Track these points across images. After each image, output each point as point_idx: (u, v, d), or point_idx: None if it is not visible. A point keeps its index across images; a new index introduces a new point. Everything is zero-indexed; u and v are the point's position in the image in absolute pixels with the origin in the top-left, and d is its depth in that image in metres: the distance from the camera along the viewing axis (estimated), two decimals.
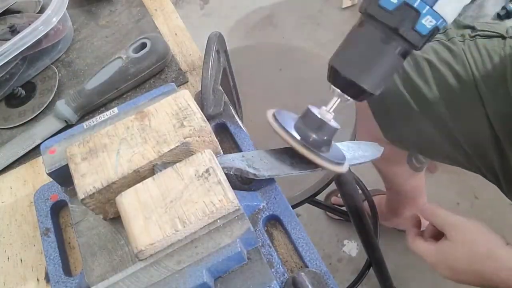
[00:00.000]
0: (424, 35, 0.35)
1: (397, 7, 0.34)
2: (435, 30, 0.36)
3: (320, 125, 0.40)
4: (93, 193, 0.37)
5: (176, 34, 0.66)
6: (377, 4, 0.35)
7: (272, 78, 0.82)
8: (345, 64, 0.38)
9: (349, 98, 0.40)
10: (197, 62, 0.62)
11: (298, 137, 0.39)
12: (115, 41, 0.67)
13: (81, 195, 0.37)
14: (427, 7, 0.34)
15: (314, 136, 0.39)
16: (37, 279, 0.46)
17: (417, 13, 0.34)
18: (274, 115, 0.41)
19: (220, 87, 0.51)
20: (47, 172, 0.42)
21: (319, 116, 0.40)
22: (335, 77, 0.39)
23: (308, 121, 0.40)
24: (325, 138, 0.40)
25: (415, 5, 0.34)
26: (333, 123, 0.41)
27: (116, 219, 0.41)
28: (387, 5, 0.35)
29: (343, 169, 0.41)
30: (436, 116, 0.73)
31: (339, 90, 0.39)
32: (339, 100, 0.41)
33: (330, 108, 0.41)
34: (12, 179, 0.55)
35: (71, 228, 0.47)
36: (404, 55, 0.37)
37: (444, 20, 0.35)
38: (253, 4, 2.03)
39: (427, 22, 0.35)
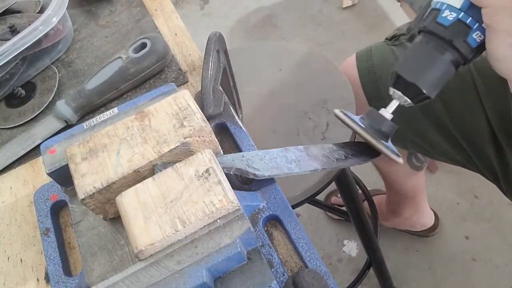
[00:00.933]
0: (473, 48, 0.42)
1: (452, 23, 0.41)
2: (482, 44, 0.42)
3: (382, 119, 0.46)
4: (93, 193, 0.37)
5: (176, 34, 0.66)
6: (435, 21, 0.43)
7: (272, 78, 0.82)
8: (407, 70, 0.44)
9: (408, 100, 0.45)
10: (197, 62, 0.62)
11: (363, 126, 0.45)
12: (115, 41, 0.67)
13: (81, 195, 0.37)
14: (477, 24, 0.41)
15: (376, 127, 0.46)
16: (37, 279, 0.46)
17: (469, 29, 0.41)
18: (342, 111, 0.47)
19: (220, 87, 0.51)
20: (47, 172, 0.42)
21: (380, 113, 0.46)
22: (398, 81, 0.45)
23: (371, 117, 0.46)
24: (386, 130, 0.46)
25: (467, 22, 0.41)
26: (392, 123, 0.47)
27: (116, 219, 0.41)
28: (444, 22, 0.42)
29: (400, 160, 0.46)
30: (435, 114, 0.73)
31: (400, 93, 0.45)
32: (398, 103, 0.46)
33: (390, 110, 0.47)
34: (12, 179, 0.55)
35: (71, 228, 0.47)
36: (456, 64, 0.43)
37: None
38: (253, 4, 2.03)
39: (477, 37, 0.41)
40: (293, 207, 0.71)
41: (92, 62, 0.65)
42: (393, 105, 0.47)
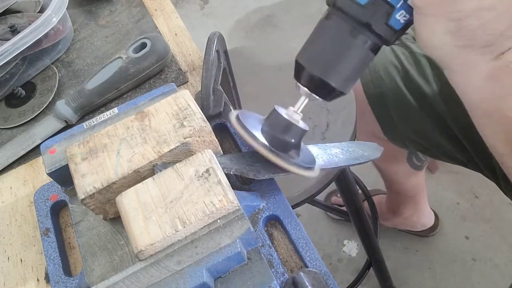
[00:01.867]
0: (397, 30, 0.34)
1: (370, 2, 0.32)
2: (409, 24, 0.34)
3: (287, 126, 0.37)
4: (93, 193, 0.37)
5: (176, 34, 0.66)
6: None
7: (272, 78, 0.82)
8: (312, 60, 0.35)
9: (317, 97, 0.37)
10: (197, 62, 0.62)
11: (263, 140, 0.36)
12: (115, 41, 0.67)
13: (81, 195, 0.37)
14: (401, 1, 0.32)
15: (280, 138, 0.37)
16: (37, 279, 0.46)
17: (391, 8, 0.32)
18: (237, 117, 0.38)
19: (220, 87, 0.51)
20: (47, 172, 0.42)
21: (286, 117, 0.37)
22: (301, 74, 0.36)
23: (274, 122, 0.38)
24: (292, 140, 0.38)
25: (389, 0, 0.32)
26: (301, 124, 0.38)
27: (116, 219, 0.41)
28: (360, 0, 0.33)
29: (313, 174, 0.38)
30: (436, 113, 0.73)
31: (306, 89, 0.37)
32: (307, 100, 0.38)
33: (298, 109, 0.38)
34: (12, 179, 0.55)
35: (71, 228, 0.47)
36: (374, 50, 0.35)
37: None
38: (253, 4, 2.03)
39: (401, 17, 0.33)
40: (293, 207, 0.70)
41: (92, 62, 0.65)
42: (301, 102, 0.38)
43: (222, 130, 0.49)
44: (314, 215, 1.39)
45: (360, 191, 1.24)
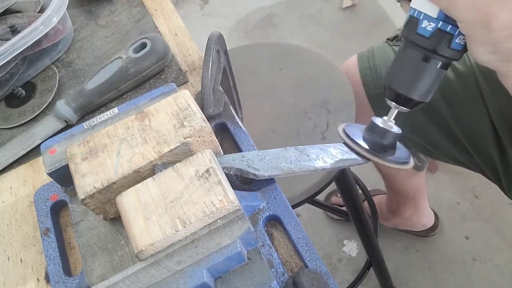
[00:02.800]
0: (459, 50, 0.42)
1: (432, 34, 0.41)
2: (465, 45, 0.42)
3: (384, 133, 0.47)
4: (93, 193, 0.37)
5: (176, 34, 0.66)
6: (415, 32, 0.42)
7: (272, 78, 0.82)
8: (396, 82, 0.45)
9: (404, 108, 0.46)
10: (197, 62, 0.62)
11: (367, 147, 0.46)
12: (115, 41, 0.67)
13: (81, 195, 0.37)
14: (458, 29, 0.40)
15: (380, 142, 0.47)
16: (37, 279, 0.46)
17: (451, 36, 0.41)
18: (344, 130, 0.48)
19: (220, 87, 0.51)
20: (47, 172, 0.42)
21: (381, 126, 0.47)
22: (390, 93, 0.46)
23: (373, 131, 0.48)
24: (388, 142, 0.47)
25: (447, 30, 0.40)
26: (395, 129, 0.48)
27: (116, 219, 0.41)
28: (424, 33, 0.42)
29: (408, 166, 0.48)
30: (438, 114, 0.73)
31: (396, 104, 0.46)
32: (397, 111, 0.47)
33: (390, 118, 0.48)
34: (12, 179, 0.55)
35: (71, 228, 0.47)
36: (445, 67, 0.44)
37: None
38: (253, 4, 2.03)
39: (460, 40, 0.41)
40: (293, 207, 0.70)
41: (92, 62, 0.65)
42: (393, 113, 0.48)
43: (222, 130, 0.49)
44: (314, 215, 1.39)
45: (360, 191, 1.24)
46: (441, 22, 0.40)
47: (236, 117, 0.49)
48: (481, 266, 1.23)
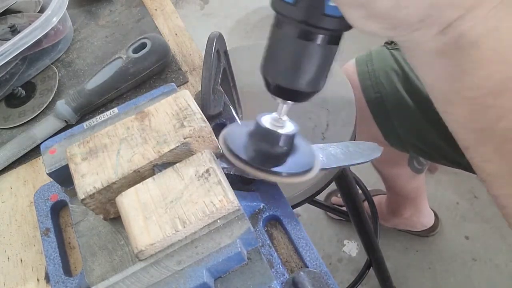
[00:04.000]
0: (340, 16, 0.30)
1: None
2: None
3: (270, 136, 0.36)
4: (93, 193, 0.37)
5: (176, 34, 0.66)
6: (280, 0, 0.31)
7: None
8: (274, 73, 0.34)
9: (293, 102, 0.36)
10: (197, 62, 0.62)
11: (244, 157, 0.35)
12: (115, 41, 0.67)
13: (81, 195, 0.37)
14: None
15: (266, 149, 0.36)
16: (37, 279, 0.46)
17: None
18: (224, 135, 0.38)
19: (220, 87, 0.51)
20: (47, 172, 0.42)
21: (267, 127, 0.36)
22: (270, 87, 0.36)
23: (258, 134, 0.37)
24: (281, 147, 0.36)
25: None
26: (287, 129, 0.37)
27: (116, 219, 0.41)
28: None
29: (310, 175, 0.37)
30: (437, 117, 0.73)
31: (279, 99, 0.36)
32: (285, 105, 0.36)
33: (281, 113, 0.37)
34: (12, 179, 0.55)
35: (71, 228, 0.47)
36: (332, 41, 0.33)
37: None
38: (253, 4, 2.03)
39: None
40: (293, 207, 0.71)
41: (92, 62, 0.65)
42: (281, 108, 0.37)
43: (222, 130, 0.49)
44: (314, 215, 1.39)
45: (360, 191, 1.24)
46: None
47: (236, 117, 0.49)
48: (481, 266, 1.23)
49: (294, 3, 0.30)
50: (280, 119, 0.37)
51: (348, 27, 0.32)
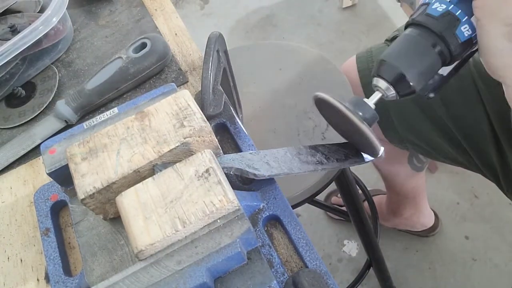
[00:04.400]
0: (461, 42, 0.42)
1: (442, 14, 0.42)
2: (470, 41, 0.42)
3: (365, 108, 0.44)
4: (93, 193, 0.37)
5: (176, 34, 0.66)
6: (425, 13, 0.43)
7: (272, 78, 0.82)
8: (394, 58, 0.43)
9: (392, 90, 0.44)
10: (197, 62, 0.62)
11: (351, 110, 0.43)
12: (115, 41, 0.67)
13: (81, 195, 0.37)
14: (466, 17, 0.41)
15: (361, 114, 0.43)
16: (37, 279, 0.46)
17: (457, 21, 0.41)
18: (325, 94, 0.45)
19: (220, 87, 0.51)
20: (47, 172, 0.42)
21: (364, 100, 0.44)
22: (383, 69, 0.44)
23: (354, 104, 0.44)
24: (368, 118, 0.44)
25: (456, 14, 0.41)
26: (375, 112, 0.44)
27: (116, 219, 0.41)
28: (433, 13, 0.42)
29: (381, 150, 0.44)
30: (436, 115, 0.73)
31: (384, 82, 0.44)
32: (381, 95, 0.45)
33: (372, 101, 0.45)
34: (12, 179, 0.55)
35: (71, 228, 0.47)
36: (442, 58, 0.43)
37: (476, 36, 0.41)
38: (253, 4, 2.03)
39: (465, 30, 0.41)
40: (293, 207, 0.71)
41: (92, 62, 0.65)
42: (375, 96, 0.45)
43: (222, 130, 0.49)
44: (314, 215, 1.39)
45: (360, 191, 1.24)
46: (452, 5, 0.41)
47: (236, 117, 0.49)
48: (481, 266, 1.23)
49: (436, 18, 0.42)
50: (370, 103, 0.44)
51: (457, 57, 0.43)
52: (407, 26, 0.45)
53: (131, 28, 0.68)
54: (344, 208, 1.29)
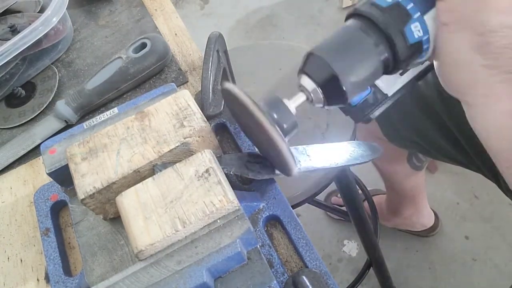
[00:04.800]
0: (410, 44, 0.34)
1: (390, 6, 0.33)
2: (419, 45, 0.34)
3: (285, 113, 0.35)
4: (93, 193, 0.37)
5: (176, 34, 0.66)
6: (371, 2, 0.34)
7: (272, 78, 0.82)
8: (326, 53, 0.35)
9: (320, 95, 0.35)
10: (197, 62, 0.62)
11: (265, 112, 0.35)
12: (115, 41, 0.67)
13: (81, 195, 0.37)
14: (419, 14, 0.33)
15: (277, 120, 0.35)
16: (37, 279, 0.46)
17: (408, 16, 0.33)
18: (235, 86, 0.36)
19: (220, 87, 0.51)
20: (47, 172, 0.42)
21: (283, 101, 0.36)
22: (312, 66, 0.35)
23: (272, 106, 0.36)
24: (286, 127, 0.35)
25: (407, 7, 0.33)
26: (293, 112, 0.36)
27: (116, 219, 0.41)
28: (380, 3, 0.34)
29: (293, 171, 0.35)
30: (435, 114, 0.73)
31: (312, 83, 0.35)
32: (304, 98, 0.36)
33: (295, 104, 0.36)
34: (12, 179, 0.55)
35: (71, 228, 0.47)
36: (385, 63, 0.35)
37: (428, 40, 0.34)
38: (253, 4, 2.03)
39: (416, 30, 0.33)
40: (293, 207, 0.70)
41: (92, 62, 0.65)
42: (299, 98, 0.36)
43: (222, 130, 0.49)
44: (314, 215, 1.39)
45: (360, 191, 1.24)
46: None
47: None
48: (481, 266, 1.23)
49: (383, 8, 0.33)
50: (292, 107, 0.36)
51: (400, 65, 0.34)
52: (348, 16, 0.37)
53: (131, 28, 0.68)
54: (344, 208, 1.29)
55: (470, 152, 0.73)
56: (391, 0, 0.34)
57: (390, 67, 0.35)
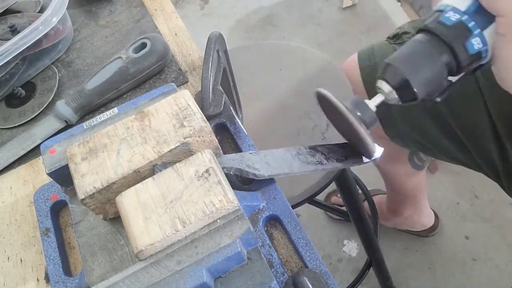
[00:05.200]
0: (470, 54, 0.41)
1: (454, 24, 0.41)
2: (479, 54, 0.41)
3: (365, 109, 0.43)
4: (93, 193, 0.37)
5: (176, 34, 0.66)
6: (437, 21, 0.42)
7: (272, 78, 0.82)
8: (401, 62, 0.43)
9: (395, 94, 0.43)
10: (197, 62, 0.62)
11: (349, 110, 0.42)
12: (115, 41, 0.67)
13: (81, 195, 0.37)
14: (479, 30, 0.41)
15: (360, 115, 0.43)
16: (37, 279, 0.46)
17: (469, 33, 0.41)
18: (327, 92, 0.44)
19: (220, 87, 0.51)
20: (47, 172, 0.42)
21: (364, 101, 0.44)
22: (389, 73, 0.44)
23: (355, 105, 0.43)
24: (366, 121, 0.43)
25: (469, 25, 0.41)
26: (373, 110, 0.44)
27: (116, 219, 0.41)
28: (446, 21, 0.41)
29: (377, 153, 0.44)
30: (437, 112, 0.73)
31: (388, 86, 0.43)
32: (383, 98, 0.44)
33: (374, 103, 0.44)
34: (12, 179, 0.55)
35: (71, 228, 0.47)
36: (449, 69, 0.42)
37: (487, 50, 0.41)
38: (253, 4, 2.03)
39: (476, 43, 0.41)
40: (293, 207, 0.70)
41: (92, 62, 0.65)
42: (377, 99, 0.44)
43: (222, 130, 0.49)
44: (314, 215, 1.39)
45: (360, 191, 1.24)
46: (466, 16, 0.41)
47: (236, 117, 0.49)
48: (481, 266, 1.23)
49: (448, 27, 0.41)
50: (372, 105, 0.44)
51: (463, 70, 0.42)
52: (418, 31, 0.44)
53: (131, 28, 0.68)
54: (344, 208, 1.29)
55: (471, 150, 0.73)
56: (455, 19, 0.41)
57: (454, 71, 0.43)
